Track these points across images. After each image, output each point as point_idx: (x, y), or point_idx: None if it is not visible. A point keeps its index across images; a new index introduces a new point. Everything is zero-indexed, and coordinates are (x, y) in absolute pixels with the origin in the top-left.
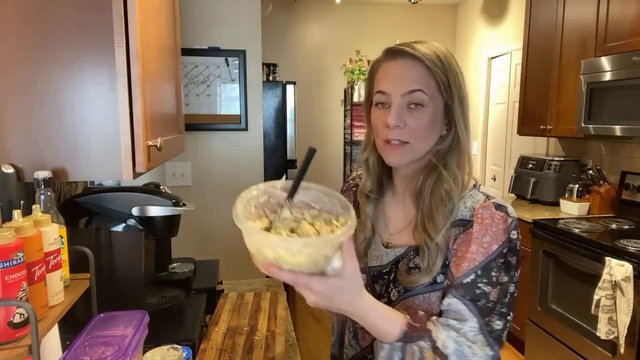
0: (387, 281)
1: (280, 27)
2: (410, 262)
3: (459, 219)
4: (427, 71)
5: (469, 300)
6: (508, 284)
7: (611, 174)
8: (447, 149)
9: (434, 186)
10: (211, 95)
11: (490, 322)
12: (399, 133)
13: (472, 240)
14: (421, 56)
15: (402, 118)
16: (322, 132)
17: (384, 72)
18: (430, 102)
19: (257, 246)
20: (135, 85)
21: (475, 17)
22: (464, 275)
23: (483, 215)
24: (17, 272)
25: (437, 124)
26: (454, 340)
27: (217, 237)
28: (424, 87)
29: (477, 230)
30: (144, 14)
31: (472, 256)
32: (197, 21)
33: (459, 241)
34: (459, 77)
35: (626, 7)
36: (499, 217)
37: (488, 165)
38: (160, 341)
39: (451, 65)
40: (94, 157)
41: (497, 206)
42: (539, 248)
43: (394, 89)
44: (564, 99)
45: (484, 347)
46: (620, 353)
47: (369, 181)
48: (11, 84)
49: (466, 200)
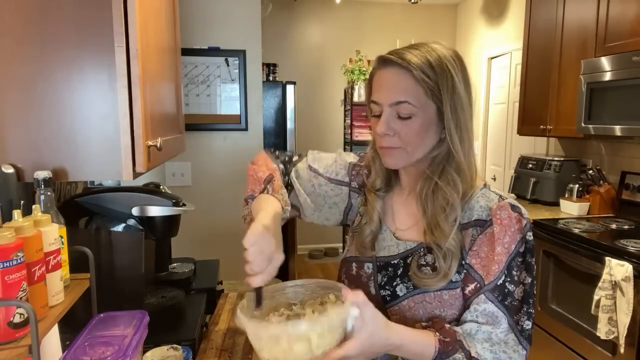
0: (392, 274)
1: (280, 27)
2: (420, 259)
3: (475, 219)
4: (414, 80)
5: (500, 301)
6: (532, 285)
7: (611, 174)
8: (444, 155)
9: (432, 195)
10: (211, 95)
11: (520, 321)
12: (390, 140)
13: (496, 242)
14: (407, 65)
15: (391, 126)
16: (322, 132)
17: (377, 81)
18: (420, 110)
19: (285, 344)
20: (135, 85)
21: (475, 17)
22: (496, 278)
23: (501, 216)
24: (17, 272)
25: (431, 128)
26: (490, 350)
27: (217, 237)
28: (411, 98)
29: (497, 231)
30: (144, 14)
31: (499, 258)
32: (197, 21)
33: (479, 242)
34: (454, 81)
35: (626, 7)
36: (514, 217)
37: (488, 165)
38: (160, 341)
39: (445, 70)
40: (94, 157)
41: (512, 207)
42: (539, 248)
43: (383, 99)
44: (564, 99)
45: (516, 346)
46: (620, 353)
47: (378, 180)
48: (11, 84)
49: (479, 200)
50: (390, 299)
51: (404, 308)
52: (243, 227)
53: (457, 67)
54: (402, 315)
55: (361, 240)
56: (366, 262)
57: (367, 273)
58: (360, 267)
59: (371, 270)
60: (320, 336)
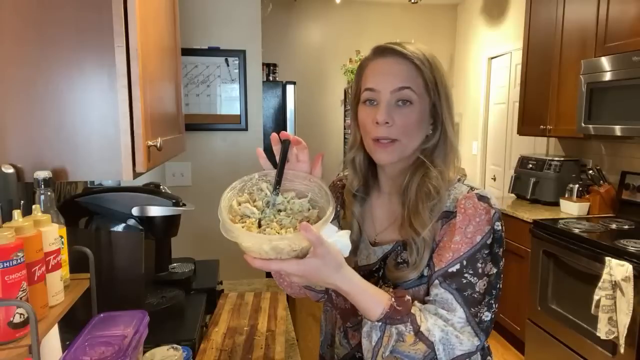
0: (377, 279)
1: (280, 27)
2: (397, 257)
3: (444, 211)
4: (416, 69)
5: (456, 289)
6: (496, 276)
7: (611, 174)
8: (433, 147)
9: (420, 182)
10: (211, 95)
11: (479, 313)
12: (387, 130)
13: (456, 231)
14: (410, 54)
15: (390, 115)
16: (322, 132)
17: (373, 70)
18: (418, 100)
19: (234, 239)
20: (135, 85)
21: (475, 17)
22: (448, 264)
23: (466, 205)
24: (17, 272)
25: (423, 122)
26: (441, 329)
27: (217, 237)
28: (413, 85)
29: (460, 220)
30: (144, 14)
31: (456, 246)
32: (197, 21)
33: (442, 232)
34: (444, 78)
35: (626, 7)
36: (481, 207)
37: (488, 165)
38: (160, 341)
39: (437, 65)
40: (94, 157)
41: (480, 197)
42: (539, 248)
43: (383, 86)
44: (564, 99)
45: (471, 337)
46: (620, 353)
47: (355, 180)
48: (11, 84)
49: (450, 193)
50: None
51: None
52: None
53: (442, 67)
54: None
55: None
56: None
57: None
58: None
59: None
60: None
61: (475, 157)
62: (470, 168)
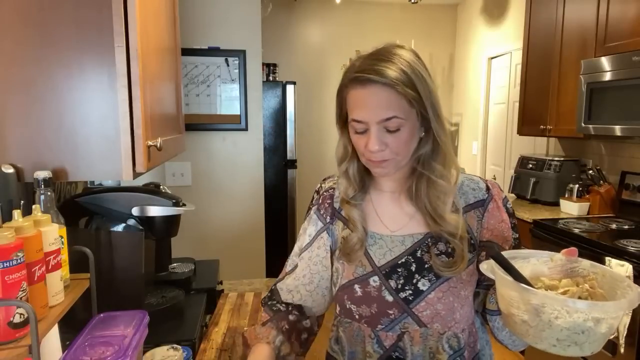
0: (407, 273)
1: (280, 27)
2: (432, 248)
3: (478, 201)
4: (398, 95)
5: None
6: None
7: (611, 174)
8: (429, 152)
9: (427, 190)
10: (211, 95)
11: None
12: (381, 154)
13: (500, 212)
14: (390, 82)
15: (382, 141)
16: (322, 132)
17: (356, 100)
18: (406, 121)
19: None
20: (135, 85)
21: (475, 17)
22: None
23: (496, 191)
24: (17, 272)
25: (415, 132)
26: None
27: (217, 237)
28: (397, 112)
29: (497, 204)
30: (144, 14)
31: (505, 224)
32: (197, 21)
33: (486, 218)
34: (426, 81)
35: (626, 7)
36: (499, 190)
37: (488, 165)
38: (160, 341)
39: (418, 75)
40: (94, 157)
41: (493, 183)
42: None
43: (369, 118)
44: (564, 99)
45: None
46: (620, 353)
47: (350, 189)
48: (11, 84)
49: (469, 184)
50: (413, 297)
51: (432, 301)
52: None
53: (421, 65)
54: (433, 307)
55: (349, 249)
56: (370, 277)
57: (375, 286)
58: (365, 285)
59: (379, 282)
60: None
61: (475, 157)
62: (470, 168)
